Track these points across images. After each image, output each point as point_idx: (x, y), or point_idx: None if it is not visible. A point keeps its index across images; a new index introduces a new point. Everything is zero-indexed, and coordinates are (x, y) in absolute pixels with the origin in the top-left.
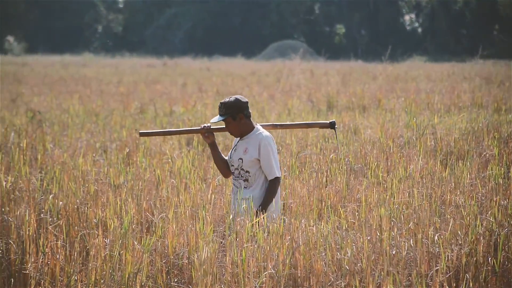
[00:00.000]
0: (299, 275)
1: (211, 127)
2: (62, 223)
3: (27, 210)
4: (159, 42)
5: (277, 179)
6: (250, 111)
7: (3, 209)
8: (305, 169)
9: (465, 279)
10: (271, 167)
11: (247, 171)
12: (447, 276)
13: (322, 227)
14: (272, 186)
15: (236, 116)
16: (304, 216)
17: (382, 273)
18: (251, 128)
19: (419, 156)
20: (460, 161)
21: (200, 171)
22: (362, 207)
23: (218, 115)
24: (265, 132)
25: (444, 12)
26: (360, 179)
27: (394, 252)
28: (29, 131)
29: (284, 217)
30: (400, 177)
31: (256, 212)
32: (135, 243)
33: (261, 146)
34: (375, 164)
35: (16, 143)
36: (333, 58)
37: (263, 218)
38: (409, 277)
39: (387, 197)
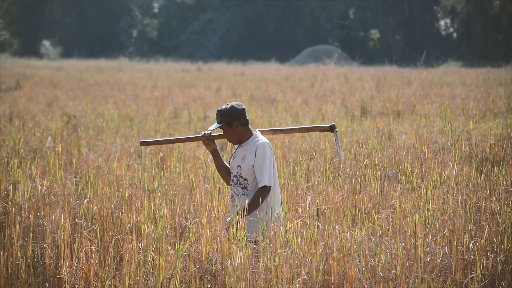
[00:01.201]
0: (332, 281)
1: (212, 134)
2: (97, 227)
3: (62, 215)
4: (194, 47)
5: (265, 188)
6: (247, 118)
7: (38, 214)
8: (339, 174)
9: (500, 287)
10: (262, 174)
11: (245, 179)
12: (483, 284)
13: (356, 233)
14: (258, 193)
15: (232, 123)
16: (338, 222)
17: (416, 280)
18: (248, 135)
19: (454, 162)
20: (495, 167)
21: None
22: (396, 213)
23: (216, 123)
24: (263, 139)
25: (479, 17)
26: (394, 185)
27: (428, 259)
28: (64, 136)
29: (318, 223)
30: (434, 183)
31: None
32: (169, 248)
33: (256, 152)
34: (410, 170)
35: (51, 147)
36: (367, 63)
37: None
38: (444, 284)
39: (422, 203)
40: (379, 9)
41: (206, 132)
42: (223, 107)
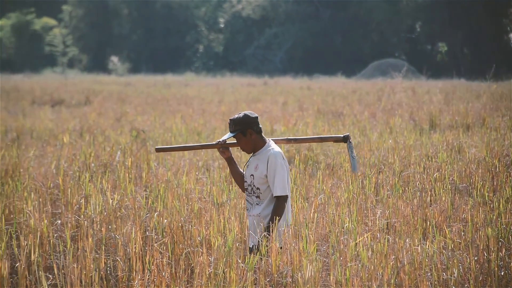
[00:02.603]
0: None
1: (226, 142)
2: (167, 240)
3: (133, 228)
4: (260, 62)
5: (280, 198)
6: (260, 127)
7: (110, 227)
8: (408, 188)
9: None
10: (275, 184)
11: (258, 188)
12: None
13: (427, 246)
14: (276, 204)
15: (246, 131)
16: (409, 236)
17: None
18: (262, 143)
19: None
20: None
21: (302, 190)
22: (468, 227)
23: (229, 132)
24: (276, 148)
25: None
26: (465, 198)
27: (502, 273)
28: (133, 150)
29: (388, 236)
30: (507, 196)
31: (266, 229)
32: (239, 261)
33: (268, 162)
34: (481, 183)
35: (121, 161)
36: (435, 76)
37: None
38: None
39: (494, 217)
40: (447, 22)
41: (221, 140)
42: (236, 116)
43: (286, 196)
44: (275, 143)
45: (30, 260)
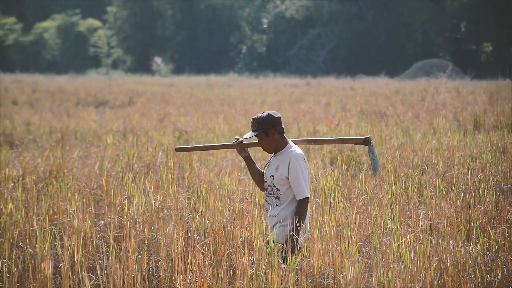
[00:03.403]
0: None
1: (245, 142)
2: (209, 241)
3: (176, 229)
4: (303, 62)
5: (305, 200)
6: (283, 127)
7: (152, 227)
8: (452, 189)
9: None
10: (299, 187)
11: (278, 189)
12: None
13: (470, 248)
14: (300, 207)
15: (268, 131)
16: (452, 237)
17: None
18: (283, 144)
19: None
20: None
21: (344, 191)
22: None
23: (251, 131)
24: (297, 150)
25: None
26: (510, 199)
27: None
28: None
29: (431, 238)
30: None
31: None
32: (281, 262)
33: (290, 165)
34: None
35: (164, 162)
36: (479, 77)
37: (293, 239)
38: None
39: None
40: (492, 22)
41: (238, 137)
42: (259, 115)
43: (308, 198)
44: (296, 144)
45: (74, 260)
